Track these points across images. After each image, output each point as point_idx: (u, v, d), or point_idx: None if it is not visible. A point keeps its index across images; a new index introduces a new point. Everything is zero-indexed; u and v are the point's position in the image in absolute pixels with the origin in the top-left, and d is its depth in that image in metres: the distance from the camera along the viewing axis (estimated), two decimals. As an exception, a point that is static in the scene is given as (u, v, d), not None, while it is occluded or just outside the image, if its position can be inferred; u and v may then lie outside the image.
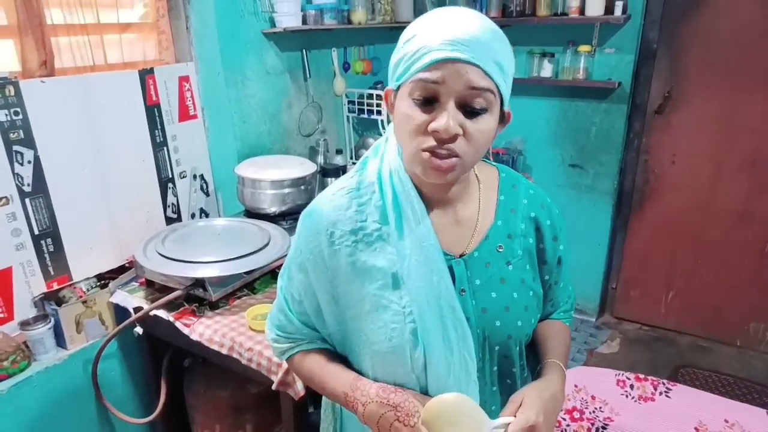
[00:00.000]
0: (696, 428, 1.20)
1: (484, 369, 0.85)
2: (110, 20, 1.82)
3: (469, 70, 0.70)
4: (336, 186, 0.87)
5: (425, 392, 0.82)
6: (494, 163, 0.92)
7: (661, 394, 1.28)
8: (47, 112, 1.62)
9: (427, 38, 0.71)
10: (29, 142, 1.60)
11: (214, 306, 1.63)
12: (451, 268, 0.82)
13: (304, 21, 2.19)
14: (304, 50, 2.36)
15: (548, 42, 2.76)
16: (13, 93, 1.54)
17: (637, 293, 3.08)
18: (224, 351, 1.50)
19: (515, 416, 0.77)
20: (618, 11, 2.45)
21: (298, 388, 1.39)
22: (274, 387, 1.41)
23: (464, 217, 0.86)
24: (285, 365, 1.39)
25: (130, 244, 1.88)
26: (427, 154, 0.73)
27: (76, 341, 1.70)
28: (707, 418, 1.23)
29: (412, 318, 0.78)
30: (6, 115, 1.53)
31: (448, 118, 0.70)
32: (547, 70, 2.77)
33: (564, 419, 1.27)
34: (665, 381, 1.33)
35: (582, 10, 2.53)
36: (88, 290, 1.75)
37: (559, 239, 0.91)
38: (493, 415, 0.85)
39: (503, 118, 0.78)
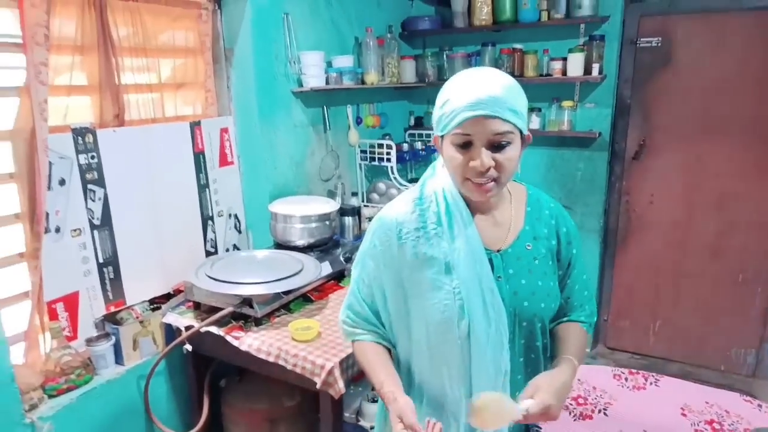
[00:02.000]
0: (682, 408, 1.43)
1: (514, 341, 1.09)
2: (168, 80, 2.13)
3: (490, 122, 0.97)
4: (402, 198, 1.15)
5: (468, 358, 1.04)
6: (522, 182, 1.20)
7: (651, 384, 1.51)
8: (116, 156, 1.89)
9: (457, 102, 0.98)
10: (101, 181, 1.86)
11: (258, 322, 1.85)
12: (491, 260, 1.08)
13: (327, 82, 2.54)
14: (324, 106, 2.69)
15: (536, 98, 3.12)
16: (91, 140, 1.82)
17: (626, 325, 3.32)
18: (271, 359, 1.71)
19: (533, 398, 0.97)
20: (595, 72, 2.84)
21: (339, 387, 1.60)
22: (317, 386, 1.62)
23: (500, 222, 1.12)
24: (327, 367, 1.61)
25: (176, 273, 2.11)
26: (470, 183, 1.01)
27: (132, 358, 1.89)
28: (691, 401, 1.45)
29: (461, 296, 1.03)
30: (85, 158, 1.80)
31: (481, 159, 0.97)
32: (535, 122, 3.12)
33: (571, 404, 1.48)
34: (654, 374, 1.56)
35: (564, 72, 2.92)
36: (143, 312, 1.97)
37: (572, 244, 1.16)
38: (518, 383, 1.08)
39: (524, 140, 1.04)
